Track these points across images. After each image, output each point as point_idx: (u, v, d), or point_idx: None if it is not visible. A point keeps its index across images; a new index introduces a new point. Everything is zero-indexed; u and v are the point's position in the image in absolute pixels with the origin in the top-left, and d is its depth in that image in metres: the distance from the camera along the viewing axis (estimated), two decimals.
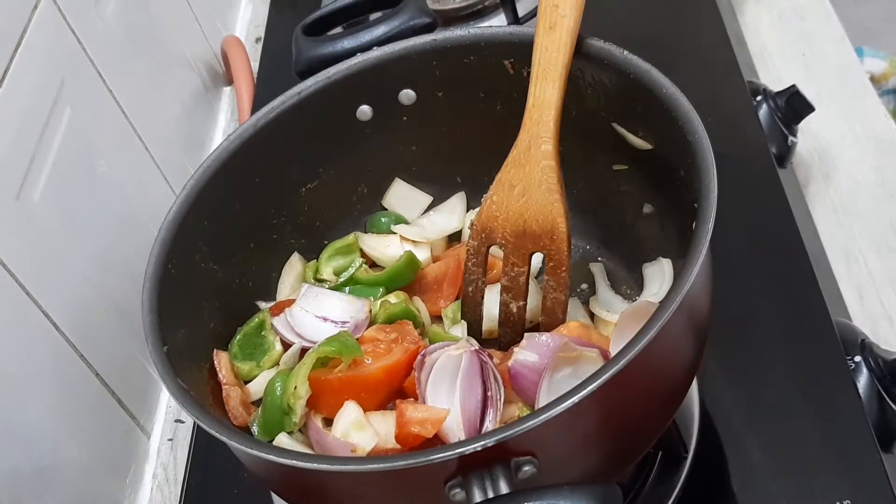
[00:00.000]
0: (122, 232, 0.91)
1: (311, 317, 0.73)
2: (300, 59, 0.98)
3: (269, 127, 0.75)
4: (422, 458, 0.51)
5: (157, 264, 0.67)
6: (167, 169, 1.03)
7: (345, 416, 0.65)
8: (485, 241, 0.71)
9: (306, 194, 0.80)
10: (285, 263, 0.80)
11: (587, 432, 0.56)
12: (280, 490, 0.67)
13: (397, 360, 0.67)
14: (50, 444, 0.76)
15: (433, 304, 0.77)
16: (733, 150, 0.87)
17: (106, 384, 0.84)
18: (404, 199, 0.84)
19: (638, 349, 0.51)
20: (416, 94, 0.79)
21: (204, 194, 0.71)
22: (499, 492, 0.51)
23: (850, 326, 0.81)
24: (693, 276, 0.54)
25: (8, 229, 0.73)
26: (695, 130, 0.61)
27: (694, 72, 0.93)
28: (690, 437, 0.72)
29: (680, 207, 0.64)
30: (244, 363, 0.72)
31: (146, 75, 1.04)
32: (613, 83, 0.69)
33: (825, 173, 0.99)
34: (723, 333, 0.72)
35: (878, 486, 0.68)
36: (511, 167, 0.68)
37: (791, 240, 0.84)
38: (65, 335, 0.79)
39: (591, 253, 0.81)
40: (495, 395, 0.64)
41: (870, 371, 0.76)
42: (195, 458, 0.86)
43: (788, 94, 0.98)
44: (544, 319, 0.71)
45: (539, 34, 0.67)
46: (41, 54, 0.82)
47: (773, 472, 0.70)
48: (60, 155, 0.82)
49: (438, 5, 1.04)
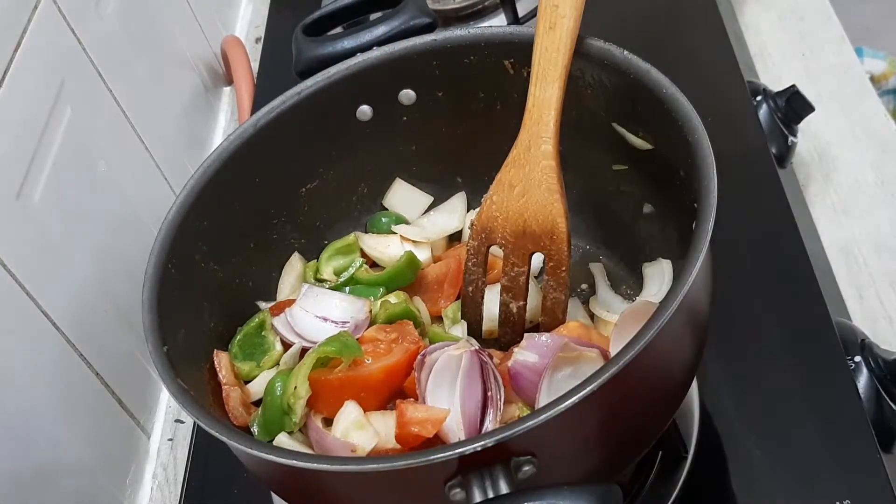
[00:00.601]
0: (122, 232, 0.91)
1: (312, 317, 0.73)
2: (300, 59, 0.98)
3: (270, 127, 0.75)
4: (422, 458, 0.51)
5: (157, 264, 0.67)
6: (167, 169, 1.03)
7: (345, 416, 0.65)
8: (485, 241, 0.71)
9: (306, 194, 0.80)
10: (285, 263, 0.80)
11: (587, 432, 0.56)
12: (280, 490, 0.67)
13: (397, 360, 0.67)
14: (50, 444, 0.76)
15: (433, 305, 0.77)
16: (733, 150, 0.87)
17: (106, 384, 0.84)
18: (405, 200, 0.84)
19: (638, 349, 0.51)
20: (416, 94, 0.79)
21: (204, 194, 0.71)
22: (499, 492, 0.51)
23: (850, 326, 0.81)
24: (693, 276, 0.54)
25: (8, 229, 0.73)
26: (695, 130, 0.61)
27: (694, 72, 0.93)
28: (690, 437, 0.72)
29: (680, 207, 0.64)
30: (244, 363, 0.72)
31: (146, 75, 1.04)
32: (613, 83, 0.69)
33: (825, 173, 0.99)
34: (723, 333, 0.72)
35: (878, 486, 0.68)
36: (511, 167, 0.68)
37: (791, 240, 0.84)
38: (65, 335, 0.79)
39: (591, 253, 0.81)
40: (495, 395, 0.64)
41: (870, 371, 0.76)
42: (195, 458, 0.86)
43: (788, 94, 0.98)
44: (544, 319, 0.71)
45: (539, 34, 0.67)
46: (41, 54, 0.82)
47: (773, 472, 0.70)
48: (60, 155, 0.82)
49: (438, 5, 1.04)
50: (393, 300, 0.75)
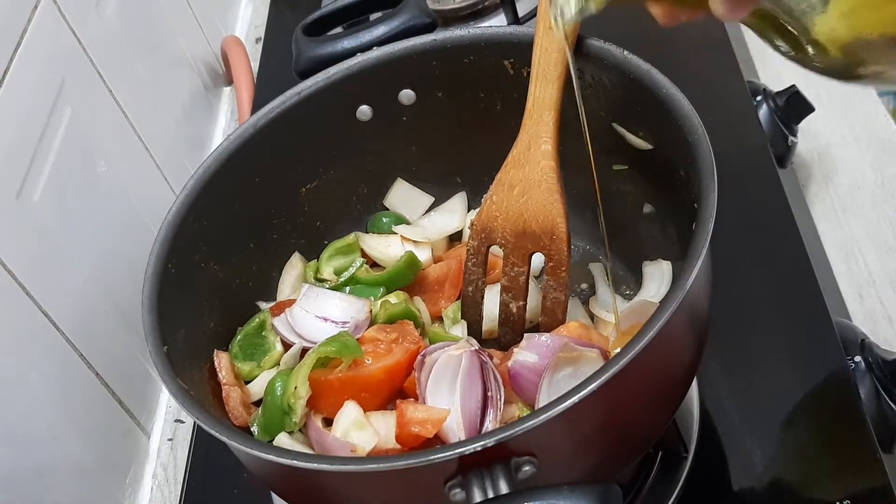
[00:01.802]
0: (123, 232, 0.91)
1: (312, 317, 0.73)
2: (300, 59, 0.98)
3: (270, 127, 0.75)
4: (422, 458, 0.51)
5: (158, 264, 0.67)
6: (167, 169, 1.03)
7: (345, 416, 0.65)
8: (484, 241, 0.71)
9: (306, 194, 0.80)
10: (286, 263, 0.80)
11: (587, 432, 0.56)
12: (280, 490, 0.67)
13: (397, 360, 0.67)
14: (50, 444, 0.76)
15: (434, 305, 0.77)
16: (733, 150, 0.87)
17: (106, 384, 0.84)
18: (406, 200, 0.84)
19: (638, 349, 0.51)
20: (416, 95, 0.79)
21: (204, 194, 0.71)
22: (499, 492, 0.51)
23: (850, 326, 0.81)
24: (693, 277, 0.54)
25: (8, 229, 0.73)
26: (695, 130, 0.61)
27: (694, 72, 0.93)
28: (690, 437, 0.72)
29: (680, 207, 0.64)
30: (245, 363, 0.72)
31: (146, 75, 1.04)
32: (613, 83, 0.69)
33: (825, 173, 0.99)
34: (723, 333, 0.72)
35: (878, 486, 0.68)
36: (511, 167, 0.69)
37: (791, 240, 0.84)
38: (65, 335, 0.79)
39: (591, 253, 0.81)
40: (495, 395, 0.64)
41: (870, 371, 0.76)
42: (195, 458, 0.86)
43: (788, 94, 0.98)
44: (544, 319, 0.71)
45: (539, 34, 0.68)
46: (41, 54, 0.82)
47: (773, 472, 0.70)
48: (60, 155, 0.82)
49: (438, 5, 1.04)
50: (393, 300, 0.75)
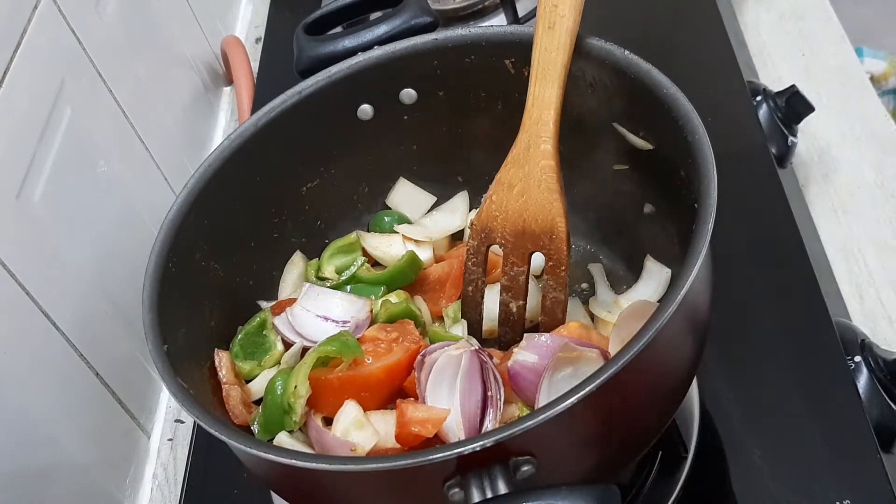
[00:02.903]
0: (123, 231, 0.91)
1: (313, 316, 0.73)
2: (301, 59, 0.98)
3: (270, 126, 0.75)
4: (421, 458, 0.51)
5: (158, 263, 0.67)
6: (167, 169, 1.03)
7: (345, 416, 0.65)
8: (484, 240, 0.71)
9: (307, 193, 0.80)
10: (287, 262, 0.80)
11: (586, 432, 0.56)
12: (280, 490, 0.67)
13: (398, 359, 0.67)
14: (50, 444, 0.76)
15: (435, 304, 0.77)
16: (733, 150, 0.87)
17: (106, 384, 0.84)
18: (408, 199, 0.84)
19: (638, 349, 0.51)
20: (417, 94, 0.79)
21: (204, 193, 0.71)
22: (497, 492, 0.51)
23: (850, 326, 0.81)
24: (693, 277, 0.54)
25: (8, 229, 0.74)
26: (695, 130, 0.61)
27: (694, 72, 0.93)
28: (690, 437, 0.72)
29: (680, 207, 0.64)
30: (245, 362, 0.72)
31: (146, 75, 1.04)
32: (614, 83, 0.69)
33: (825, 173, 0.99)
34: (722, 333, 0.72)
35: (878, 486, 0.68)
36: (510, 167, 0.68)
37: (791, 240, 0.84)
38: (65, 335, 0.79)
39: (591, 253, 0.81)
40: (495, 395, 0.64)
41: (870, 371, 0.76)
42: (195, 458, 0.86)
43: (788, 94, 0.98)
44: (544, 319, 0.71)
45: (538, 34, 0.68)
46: (41, 54, 0.82)
47: (773, 472, 0.70)
48: (60, 155, 0.82)
49: (439, 5, 1.04)
50: (394, 299, 0.75)
